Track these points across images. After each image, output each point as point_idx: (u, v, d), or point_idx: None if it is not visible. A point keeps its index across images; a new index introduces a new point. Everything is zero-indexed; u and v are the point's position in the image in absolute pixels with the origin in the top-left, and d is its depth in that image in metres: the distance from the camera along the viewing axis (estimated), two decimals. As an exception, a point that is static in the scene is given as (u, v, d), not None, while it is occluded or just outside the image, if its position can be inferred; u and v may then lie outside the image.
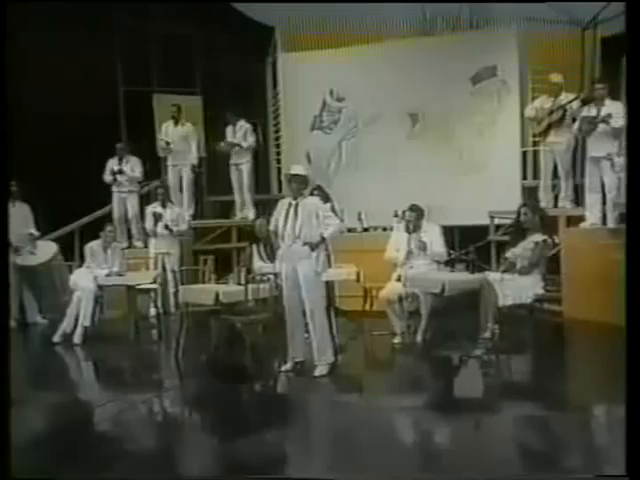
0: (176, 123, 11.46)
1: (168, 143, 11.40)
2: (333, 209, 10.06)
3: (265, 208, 10.89)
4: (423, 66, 10.99)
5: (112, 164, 11.06)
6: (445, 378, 6.65)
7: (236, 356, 7.29)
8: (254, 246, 8.02)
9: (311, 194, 10.17)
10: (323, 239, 6.72)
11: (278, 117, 12.64)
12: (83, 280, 8.65)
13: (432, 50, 11.02)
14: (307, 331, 6.86)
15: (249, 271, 7.36)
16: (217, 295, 6.95)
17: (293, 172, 6.83)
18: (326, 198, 10.21)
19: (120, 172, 10.99)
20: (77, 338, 8.42)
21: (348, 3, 11.07)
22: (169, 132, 11.47)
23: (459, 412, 5.62)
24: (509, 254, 7.48)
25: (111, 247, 9.02)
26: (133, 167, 11.09)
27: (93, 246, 8.94)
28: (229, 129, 11.53)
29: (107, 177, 11.07)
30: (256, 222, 8.18)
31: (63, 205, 10.04)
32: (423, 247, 7.87)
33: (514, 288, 7.17)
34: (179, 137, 11.44)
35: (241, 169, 11.59)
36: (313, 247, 6.63)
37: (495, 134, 10.83)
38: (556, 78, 9.58)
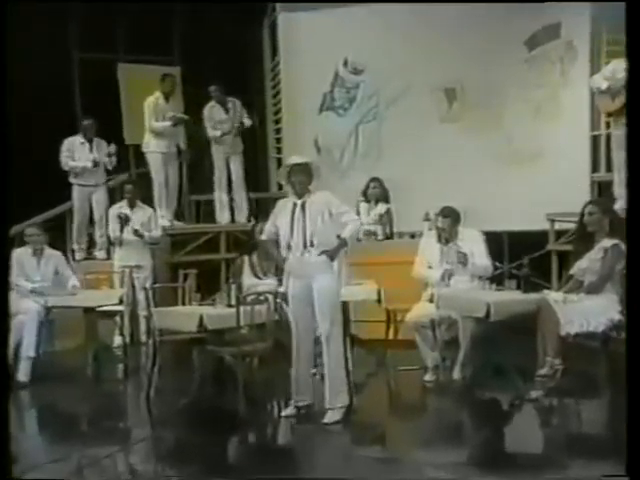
0: (167, 99, 11.44)
1: (184, 120, 11.33)
2: (388, 212, 10.07)
3: (263, 210, 10.82)
4: (463, 27, 10.99)
5: (80, 147, 11.00)
6: (492, 427, 6.57)
7: (225, 398, 7.25)
8: (246, 258, 7.97)
9: (366, 188, 10.24)
10: (344, 242, 6.66)
11: (278, 94, 12.68)
12: (25, 299, 8.57)
13: (475, 7, 10.93)
14: (315, 365, 6.87)
15: (242, 289, 7.33)
16: (201, 320, 6.92)
17: (293, 162, 6.78)
18: (385, 196, 10.20)
19: (110, 155, 10.98)
20: (22, 374, 8.32)
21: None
22: (159, 110, 11.40)
23: (511, 472, 5.53)
24: (574, 270, 7.43)
25: (45, 255, 8.92)
26: (106, 151, 11.07)
27: (22, 253, 8.86)
28: (214, 109, 11.47)
29: (73, 162, 10.97)
30: (257, 227, 8.13)
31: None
32: (464, 260, 7.85)
33: (581, 312, 7.09)
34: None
35: (231, 161, 11.59)
36: (333, 255, 6.59)
37: (557, 113, 10.78)
38: None
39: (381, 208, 10.25)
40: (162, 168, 11.40)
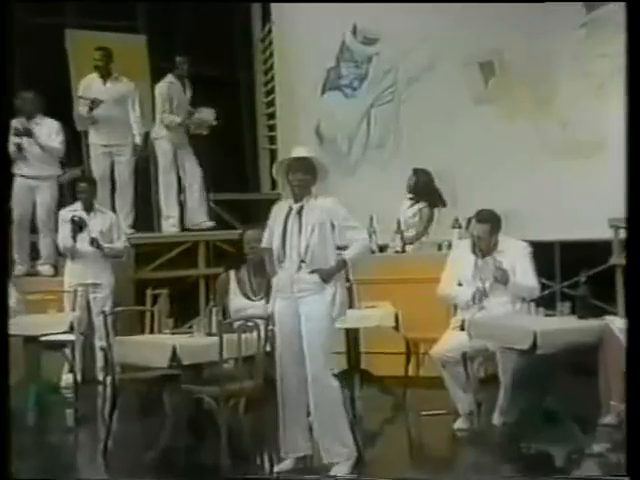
0: (105, 78, 11.47)
1: (96, 102, 11.32)
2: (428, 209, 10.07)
3: (254, 214, 10.81)
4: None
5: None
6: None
7: (204, 450, 7.26)
8: (232, 273, 7.92)
9: (414, 187, 10.28)
10: (344, 263, 6.68)
11: (271, 70, 12.69)
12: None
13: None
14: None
15: (226, 313, 7.31)
16: (174, 352, 6.89)
17: (292, 155, 6.80)
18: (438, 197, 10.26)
19: (28, 133, 10.84)
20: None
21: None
22: (93, 93, 11.45)
23: None
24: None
25: None
26: (50, 133, 11.01)
27: None
28: (174, 86, 11.56)
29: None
30: (246, 234, 8.10)
31: None
32: (504, 278, 7.81)
33: (655, 342, 7.04)
34: (111, 101, 11.48)
35: (179, 155, 11.81)
36: (326, 277, 6.59)
37: (622, 93, 10.67)
38: None
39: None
40: (104, 166, 11.44)
